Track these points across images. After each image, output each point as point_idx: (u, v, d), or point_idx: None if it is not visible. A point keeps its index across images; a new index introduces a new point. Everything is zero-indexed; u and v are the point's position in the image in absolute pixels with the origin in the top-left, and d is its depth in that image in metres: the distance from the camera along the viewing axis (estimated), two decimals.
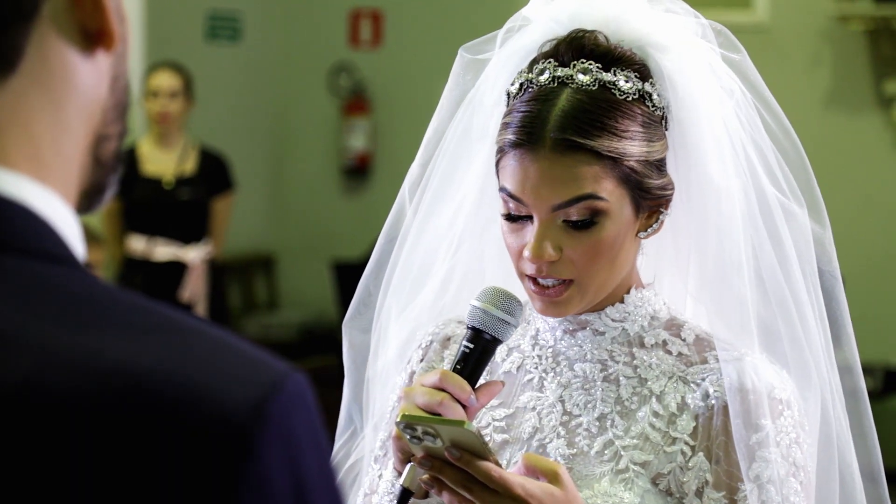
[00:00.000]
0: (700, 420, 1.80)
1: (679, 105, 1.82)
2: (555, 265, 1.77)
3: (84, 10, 0.99)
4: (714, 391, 1.80)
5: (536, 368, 1.89)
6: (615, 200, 1.76)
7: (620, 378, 1.84)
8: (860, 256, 7.07)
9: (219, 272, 7.02)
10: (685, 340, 1.86)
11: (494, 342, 1.77)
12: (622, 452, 1.80)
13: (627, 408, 1.83)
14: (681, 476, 1.78)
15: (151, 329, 0.92)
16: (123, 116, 1.05)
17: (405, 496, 1.73)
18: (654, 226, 1.83)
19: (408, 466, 1.72)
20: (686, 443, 1.79)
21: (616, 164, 1.76)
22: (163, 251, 6.70)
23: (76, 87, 0.99)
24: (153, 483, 0.87)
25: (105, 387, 0.88)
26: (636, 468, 1.79)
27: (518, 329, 1.83)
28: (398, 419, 1.70)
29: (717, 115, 1.84)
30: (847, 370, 1.92)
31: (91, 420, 0.87)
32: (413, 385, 1.77)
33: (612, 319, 1.86)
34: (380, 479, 1.90)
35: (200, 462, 0.88)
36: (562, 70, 1.78)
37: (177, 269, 6.71)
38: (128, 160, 6.50)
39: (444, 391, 1.72)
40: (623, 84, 1.78)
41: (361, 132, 8.50)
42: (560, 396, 1.86)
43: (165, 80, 6.76)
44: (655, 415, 1.81)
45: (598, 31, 1.82)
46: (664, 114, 1.82)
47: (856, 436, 1.91)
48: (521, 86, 1.81)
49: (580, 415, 1.84)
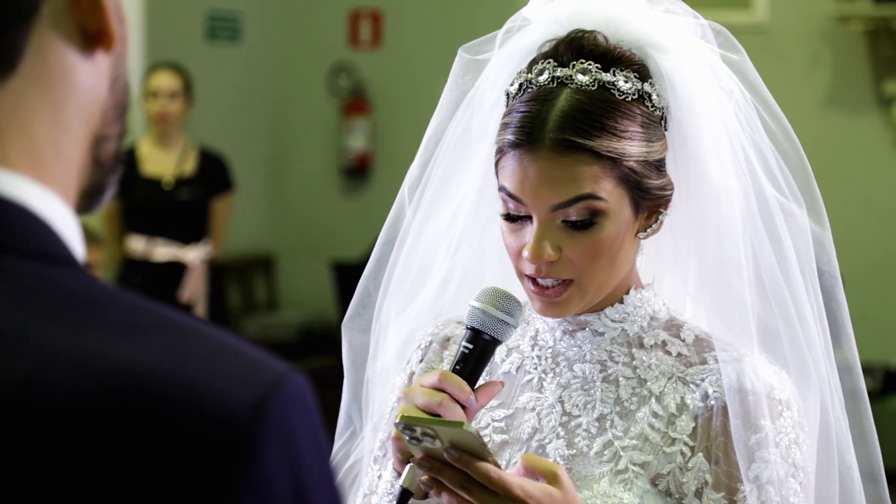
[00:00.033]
0: (699, 421, 1.80)
1: (678, 105, 1.82)
2: (554, 265, 1.77)
3: (83, 11, 0.99)
4: (713, 392, 1.80)
5: (536, 369, 1.89)
6: (614, 201, 1.76)
7: (620, 378, 1.84)
8: (860, 257, 7.07)
9: (218, 272, 7.02)
10: (684, 341, 1.85)
11: (494, 343, 1.77)
12: (621, 453, 1.80)
13: (627, 408, 1.83)
14: (680, 477, 1.78)
15: (151, 329, 0.92)
16: (123, 117, 1.05)
17: (404, 497, 1.72)
18: (654, 226, 1.83)
19: (407, 467, 1.72)
20: (685, 443, 1.79)
21: (615, 165, 1.75)
22: (162, 251, 6.70)
23: (76, 88, 0.99)
24: (153, 483, 0.87)
25: (105, 387, 0.88)
26: (635, 469, 1.79)
27: (517, 329, 1.83)
28: (397, 420, 1.69)
29: (717, 116, 1.83)
30: (847, 370, 1.92)
31: (91, 420, 0.87)
32: (412, 385, 1.77)
33: (612, 320, 1.86)
34: (379, 480, 1.90)
35: (200, 462, 0.88)
36: (561, 70, 1.78)
37: (176, 270, 6.71)
38: (127, 160, 6.50)
39: (444, 392, 1.72)
40: (622, 84, 1.78)
41: (361, 132, 8.50)
42: (559, 397, 1.86)
43: (165, 81, 6.76)
44: (655, 415, 1.81)
45: (598, 32, 1.82)
46: (663, 114, 1.81)
47: (855, 436, 1.91)
48: (521, 86, 1.81)
49: (579, 415, 1.84)
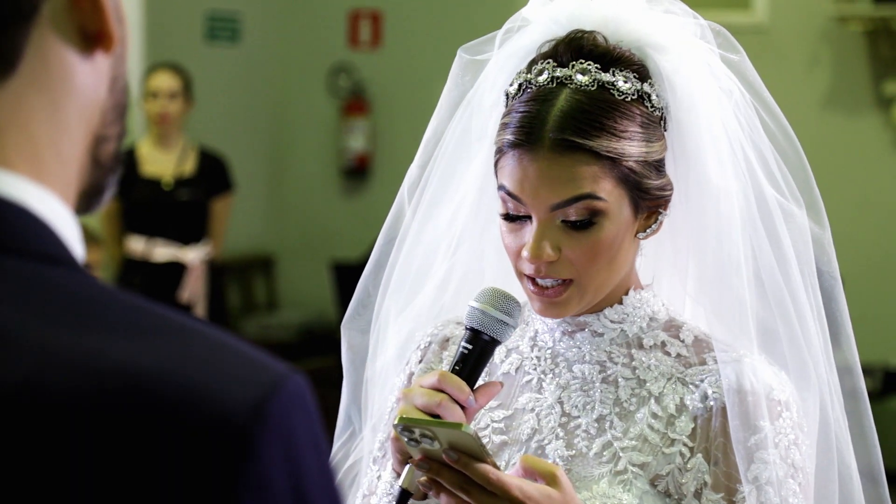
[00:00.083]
0: (699, 421, 1.80)
1: (678, 106, 1.82)
2: (554, 265, 1.77)
3: (83, 12, 0.99)
4: (713, 392, 1.80)
5: (535, 370, 1.88)
6: (614, 201, 1.76)
7: (619, 379, 1.84)
8: (859, 257, 7.07)
9: (218, 273, 7.02)
10: (684, 342, 1.85)
11: (493, 343, 1.77)
12: (621, 454, 1.80)
13: (626, 409, 1.83)
14: (679, 477, 1.78)
15: (151, 330, 0.92)
16: (122, 117, 1.05)
17: (403, 497, 1.72)
18: (653, 226, 1.82)
19: (406, 468, 1.72)
20: (685, 444, 1.79)
21: (615, 165, 1.75)
22: (162, 252, 6.70)
23: (75, 88, 0.99)
24: (153, 483, 0.87)
25: (105, 387, 0.88)
26: (635, 469, 1.79)
27: (517, 330, 1.83)
28: (396, 421, 1.69)
29: (716, 116, 1.83)
30: (846, 371, 1.92)
31: (91, 420, 0.87)
32: (411, 386, 1.77)
33: (611, 321, 1.86)
34: (378, 480, 1.90)
35: (200, 462, 0.88)
36: (560, 70, 1.78)
37: (176, 270, 6.71)
38: (127, 161, 6.50)
39: (443, 392, 1.72)
40: (622, 84, 1.78)
41: (360, 133, 8.50)
42: (559, 398, 1.85)
43: (165, 81, 6.76)
44: (654, 416, 1.81)
45: (597, 32, 1.82)
46: (663, 114, 1.81)
47: (855, 436, 1.91)
48: (520, 86, 1.81)
49: (579, 416, 1.84)
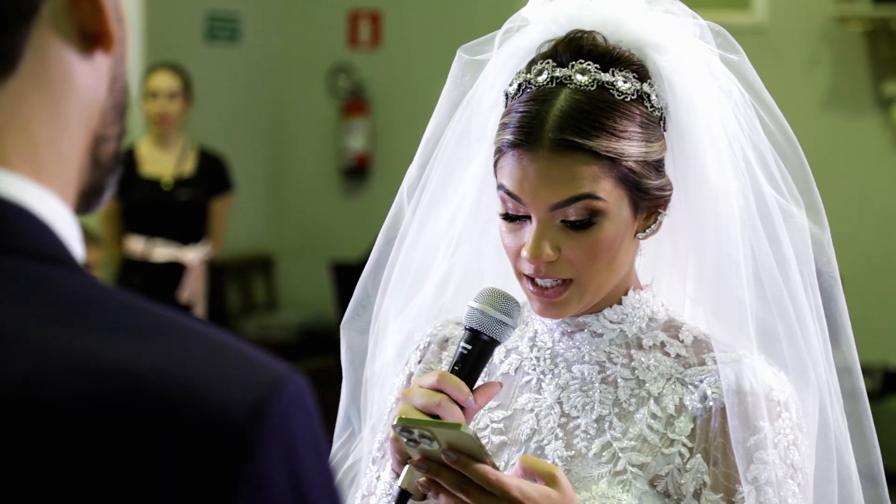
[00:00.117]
0: (698, 422, 1.80)
1: (677, 106, 1.82)
2: (553, 265, 1.77)
3: (83, 12, 0.99)
4: (712, 393, 1.80)
5: (534, 370, 1.88)
6: (613, 201, 1.76)
7: (618, 380, 1.84)
8: (859, 257, 7.07)
9: (217, 273, 7.02)
10: (683, 342, 1.85)
11: (492, 343, 1.77)
12: (620, 454, 1.80)
13: (625, 409, 1.83)
14: (679, 478, 1.78)
15: (151, 330, 0.92)
16: (122, 117, 1.05)
17: (403, 498, 1.72)
18: (653, 226, 1.82)
19: (405, 468, 1.72)
20: (684, 444, 1.79)
21: (614, 165, 1.75)
22: (161, 252, 6.70)
23: (75, 89, 1.00)
24: (153, 483, 0.87)
25: (105, 387, 0.88)
26: (634, 470, 1.79)
27: (516, 330, 1.82)
28: (395, 422, 1.69)
29: (716, 116, 1.83)
30: (846, 371, 1.92)
31: (91, 420, 0.87)
32: (411, 386, 1.77)
33: (610, 321, 1.85)
34: (378, 481, 1.90)
35: (200, 462, 0.88)
36: (560, 70, 1.78)
37: (175, 270, 6.71)
38: (126, 161, 6.50)
39: (442, 392, 1.72)
40: (621, 84, 1.78)
41: (360, 133, 8.50)
42: (558, 398, 1.85)
43: (164, 81, 6.76)
44: (653, 416, 1.81)
45: (597, 32, 1.82)
46: (662, 114, 1.81)
47: (855, 437, 1.91)
48: (520, 86, 1.80)
49: (578, 416, 1.84)
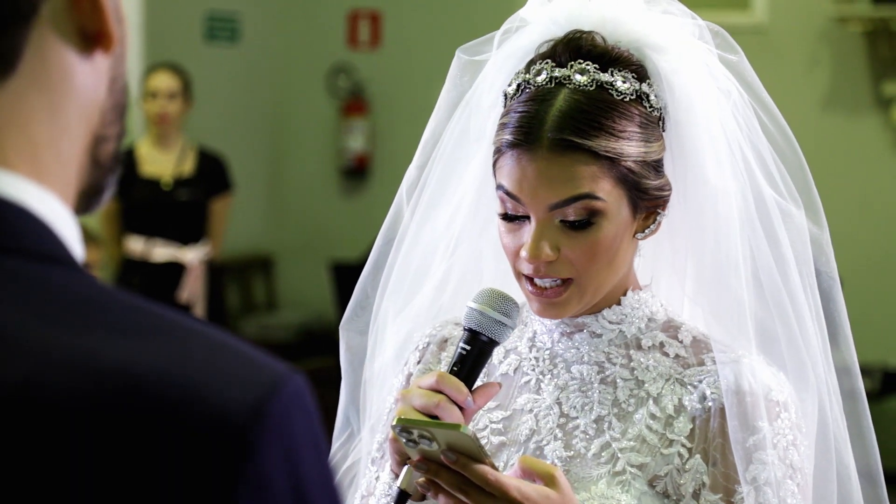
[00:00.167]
0: (697, 422, 1.80)
1: (676, 106, 1.82)
2: (553, 265, 1.77)
3: (83, 12, 0.99)
4: (711, 393, 1.80)
5: (533, 370, 1.88)
6: (613, 201, 1.76)
7: (617, 380, 1.84)
8: (858, 257, 7.07)
9: (217, 273, 7.02)
10: (682, 342, 1.85)
11: (491, 344, 1.77)
12: (619, 454, 1.80)
13: (624, 410, 1.83)
14: (678, 478, 1.78)
15: (151, 330, 0.92)
16: (122, 117, 1.05)
17: (402, 498, 1.72)
18: (652, 227, 1.82)
19: (404, 469, 1.72)
20: (683, 445, 1.79)
21: (613, 165, 1.75)
22: (161, 252, 6.70)
23: (75, 89, 1.00)
24: (153, 483, 0.87)
25: (104, 387, 0.88)
26: (633, 470, 1.79)
27: (515, 331, 1.83)
28: (394, 422, 1.69)
29: (715, 116, 1.83)
30: (845, 371, 1.92)
31: (91, 420, 0.87)
32: (410, 387, 1.77)
33: (609, 322, 1.85)
34: (377, 481, 1.90)
35: (200, 462, 0.88)
36: (559, 70, 1.78)
37: (175, 270, 6.71)
38: (126, 161, 6.50)
39: (441, 393, 1.72)
40: (620, 84, 1.78)
41: (360, 133, 8.50)
42: (557, 398, 1.85)
43: (164, 81, 6.76)
44: (652, 417, 1.81)
45: (596, 32, 1.82)
46: (661, 115, 1.81)
47: (854, 437, 1.91)
48: (519, 86, 1.81)
49: (577, 417, 1.84)
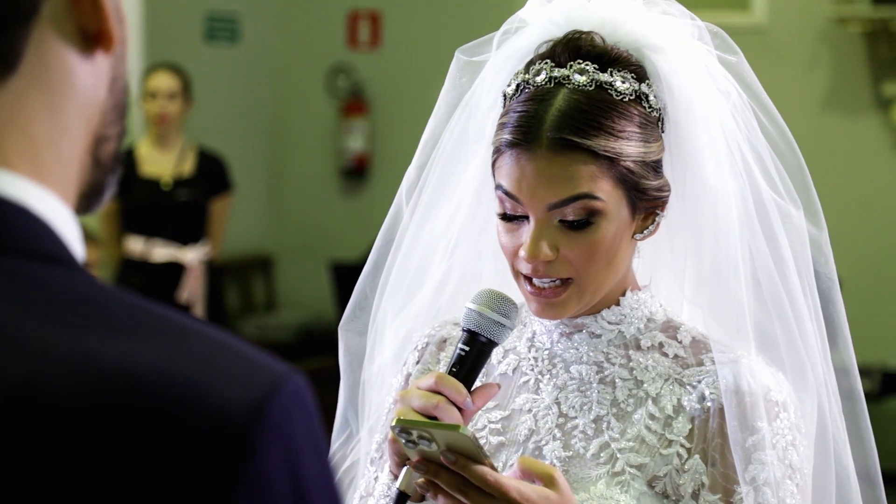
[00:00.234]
0: (696, 422, 1.80)
1: (675, 107, 1.82)
2: (552, 265, 1.77)
3: (83, 12, 0.99)
4: (710, 393, 1.80)
5: (532, 370, 1.88)
6: (612, 201, 1.76)
7: (616, 380, 1.84)
8: (858, 258, 7.07)
9: (217, 273, 7.02)
10: (681, 342, 1.85)
11: (490, 345, 1.77)
12: (618, 455, 1.80)
13: (623, 410, 1.83)
14: (677, 478, 1.78)
15: (151, 330, 0.92)
16: (122, 117, 1.05)
17: (401, 499, 1.72)
18: (651, 227, 1.82)
19: (404, 469, 1.72)
20: (682, 445, 1.79)
21: (613, 165, 1.75)
22: (161, 252, 6.70)
23: (75, 89, 1.00)
24: (153, 483, 0.87)
25: (104, 387, 0.88)
26: (632, 471, 1.79)
27: (514, 331, 1.82)
28: (393, 423, 1.69)
29: (714, 117, 1.83)
30: (844, 372, 1.92)
31: (91, 420, 0.88)
32: (409, 388, 1.77)
33: (609, 322, 1.85)
34: (376, 482, 1.90)
35: (200, 462, 0.88)
36: (558, 70, 1.78)
37: (175, 270, 6.71)
38: (126, 161, 6.50)
39: (440, 394, 1.72)
40: (619, 85, 1.78)
41: (360, 133, 8.50)
42: (556, 398, 1.85)
43: (164, 82, 6.75)
44: (651, 417, 1.81)
45: (595, 33, 1.82)
46: (661, 115, 1.81)
47: (853, 438, 1.91)
48: (518, 86, 1.81)
49: (576, 417, 1.84)
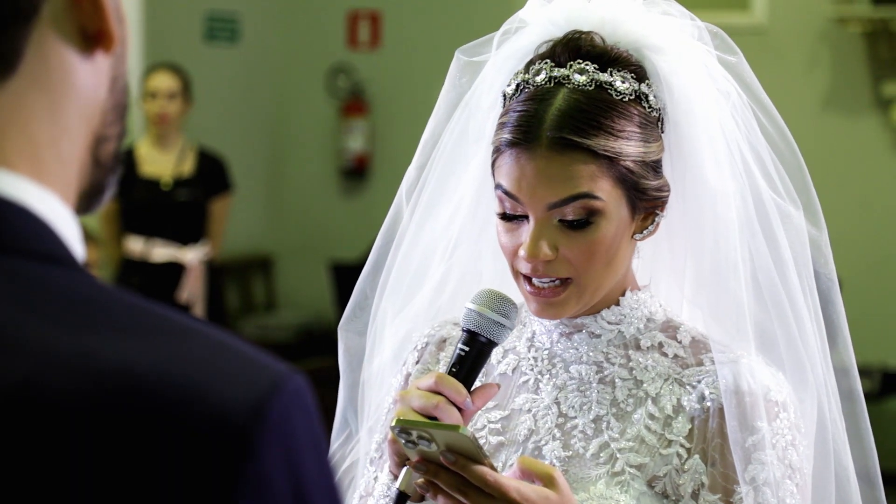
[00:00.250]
0: (696, 422, 1.80)
1: (675, 107, 1.82)
2: (551, 264, 1.77)
3: (83, 12, 0.99)
4: (710, 393, 1.80)
5: (532, 370, 1.88)
6: (611, 201, 1.76)
7: (616, 380, 1.84)
8: (858, 259, 7.07)
9: (217, 273, 7.02)
10: (681, 342, 1.85)
11: (490, 345, 1.77)
12: (618, 455, 1.80)
13: (623, 410, 1.83)
14: (676, 478, 1.78)
15: (151, 330, 0.92)
16: (122, 117, 1.05)
17: (401, 499, 1.72)
18: (650, 227, 1.82)
19: (403, 470, 1.72)
20: (682, 445, 1.79)
21: (612, 164, 1.75)
22: (161, 252, 6.70)
23: (75, 89, 1.00)
24: (153, 483, 0.87)
25: (105, 387, 0.88)
26: (632, 471, 1.79)
27: (514, 331, 1.82)
28: (393, 423, 1.69)
29: (714, 117, 1.83)
30: (843, 372, 1.92)
31: (91, 420, 0.88)
32: (408, 388, 1.77)
33: (608, 322, 1.85)
34: (375, 482, 1.90)
35: (200, 462, 0.88)
36: (558, 70, 1.78)
37: (175, 270, 6.71)
38: (126, 161, 6.49)
39: (440, 394, 1.72)
40: (619, 84, 1.78)
41: (359, 133, 8.50)
42: (555, 398, 1.85)
43: (164, 82, 6.75)
44: (651, 417, 1.81)
45: (595, 33, 1.82)
46: (660, 115, 1.81)
47: (852, 438, 1.91)
48: (518, 86, 1.81)
49: (575, 417, 1.84)
